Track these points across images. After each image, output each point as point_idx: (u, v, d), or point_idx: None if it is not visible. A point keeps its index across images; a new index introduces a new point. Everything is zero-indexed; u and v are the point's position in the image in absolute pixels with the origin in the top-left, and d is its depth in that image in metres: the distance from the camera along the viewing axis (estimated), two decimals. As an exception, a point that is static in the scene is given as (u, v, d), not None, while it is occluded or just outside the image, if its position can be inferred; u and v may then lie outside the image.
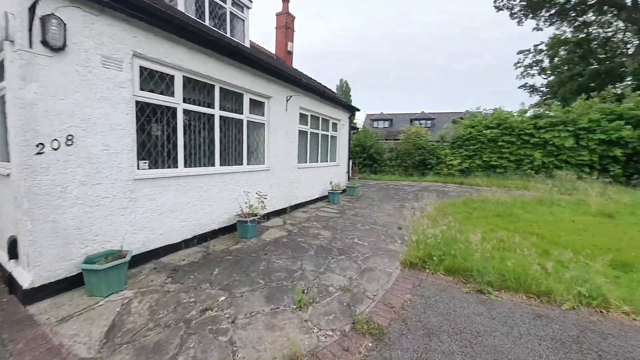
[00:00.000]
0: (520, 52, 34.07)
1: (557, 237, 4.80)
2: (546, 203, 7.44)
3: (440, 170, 14.33)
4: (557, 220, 5.98)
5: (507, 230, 5.29)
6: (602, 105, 11.84)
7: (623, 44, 26.27)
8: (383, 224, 5.80)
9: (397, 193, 9.96)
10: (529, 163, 12.92)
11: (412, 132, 15.51)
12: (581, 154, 11.89)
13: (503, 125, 13.42)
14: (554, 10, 24.02)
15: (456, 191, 10.46)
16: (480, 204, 7.45)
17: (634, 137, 10.87)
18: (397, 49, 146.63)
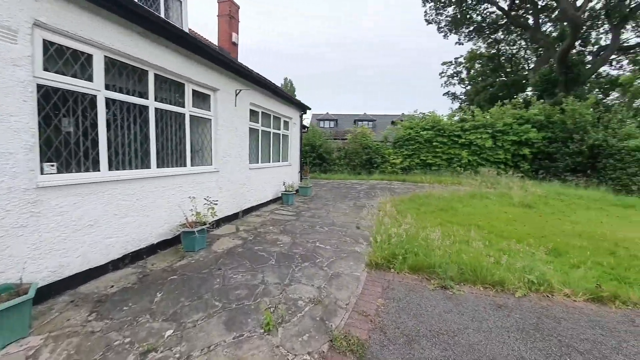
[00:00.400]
0: (444, 63, 38.49)
1: (495, 228, 5.33)
2: (478, 197, 8.34)
3: (384, 168, 15.12)
4: (489, 211, 6.70)
5: (452, 224, 5.70)
6: (513, 111, 13.93)
7: (524, 60, 31.73)
8: (341, 224, 5.70)
9: (349, 192, 10.11)
10: (458, 161, 14.50)
11: (358, 133, 16.04)
12: (498, 153, 13.81)
13: (436, 127, 14.80)
14: (472, 27, 27.57)
15: (401, 188, 11.11)
16: (425, 199, 7.97)
17: (538, 138, 13.04)
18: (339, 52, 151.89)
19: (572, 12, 13.87)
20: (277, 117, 8.05)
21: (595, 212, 6.96)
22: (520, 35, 29.45)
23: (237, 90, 5.65)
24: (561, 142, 12.76)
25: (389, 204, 7.03)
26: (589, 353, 2.14)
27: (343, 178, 14.24)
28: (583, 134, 11.92)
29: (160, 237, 3.91)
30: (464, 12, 25.54)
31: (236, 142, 5.76)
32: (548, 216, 6.35)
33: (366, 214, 6.64)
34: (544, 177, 12.74)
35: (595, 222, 5.91)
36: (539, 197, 7.95)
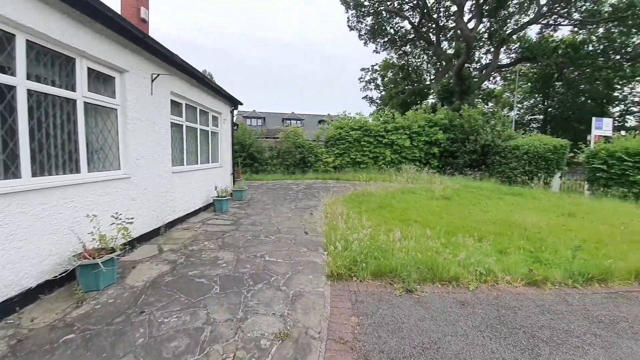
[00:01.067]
0: (362, 69, 41.63)
1: (430, 222, 5.72)
2: (406, 192, 9.04)
3: (318, 167, 15.19)
4: (420, 205, 7.27)
5: (394, 220, 5.91)
6: (424, 115, 15.81)
7: (426, 72, 36.83)
8: (287, 230, 5.24)
9: (287, 193, 9.65)
10: (383, 159, 15.68)
11: (290, 131, 15.67)
12: (414, 152, 15.49)
13: (364, 127, 15.66)
14: (386, 38, 30.43)
15: (337, 186, 11.26)
16: (363, 197, 8.17)
17: (444, 139, 15.10)
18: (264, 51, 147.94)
19: (467, 33, 16.78)
20: (204, 111, 6.98)
21: (495, 200, 8.34)
22: (424, 50, 34.13)
23: (154, 74, 4.54)
24: (460, 142, 15.11)
25: (332, 204, 6.89)
26: (550, 341, 2.29)
27: (277, 178, 13.66)
28: (476, 136, 14.36)
29: (44, 276, 2.72)
30: (380, 23, 27.99)
31: (154, 139, 4.64)
32: (466, 207, 7.25)
33: (311, 217, 6.34)
34: (449, 172, 14.87)
35: (503, 210, 7.02)
36: (453, 190, 9.09)
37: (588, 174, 10.32)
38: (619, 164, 9.13)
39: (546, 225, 5.59)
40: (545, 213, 6.83)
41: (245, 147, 14.90)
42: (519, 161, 12.39)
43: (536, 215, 6.49)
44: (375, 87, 42.64)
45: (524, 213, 6.66)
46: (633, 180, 8.92)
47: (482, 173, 13.74)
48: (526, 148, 12.12)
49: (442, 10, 26.10)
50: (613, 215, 6.64)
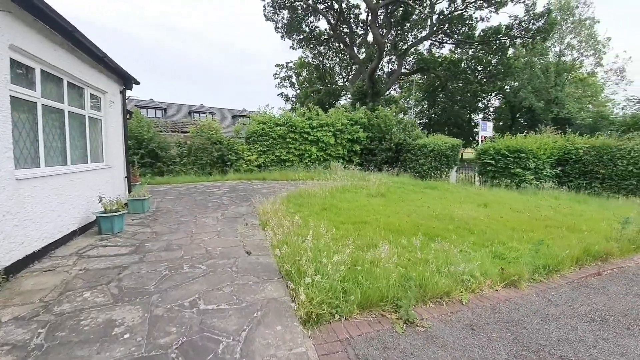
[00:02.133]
0: (277, 65, 40.97)
1: (380, 222, 5.37)
2: (343, 190, 8.70)
3: (239, 166, 13.50)
4: (363, 205, 6.94)
5: (344, 224, 5.33)
6: (346, 114, 16.13)
7: (338, 75, 38.65)
8: (222, 252, 3.93)
9: (208, 199, 7.92)
10: (309, 157, 15.25)
11: (205, 125, 13.40)
12: (338, 149, 15.63)
13: (289, 123, 14.82)
14: (302, 36, 30.28)
15: (266, 187, 10.08)
16: (302, 199, 7.36)
17: (364, 137, 15.73)
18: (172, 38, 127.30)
19: (379, 39, 18.04)
20: (77, 85, 4.75)
21: (421, 194, 8.86)
22: (337, 53, 35.68)
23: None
24: (378, 141, 16.07)
25: (269, 209, 5.81)
26: (578, 357, 2.00)
27: (191, 181, 11.37)
28: (391, 135, 15.50)
29: None
30: (296, 19, 27.56)
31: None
32: (403, 203, 7.35)
33: (248, 228, 5.12)
34: (370, 168, 15.64)
35: (434, 203, 7.36)
36: (386, 186, 9.27)
37: (479, 167, 12.34)
38: (504, 159, 11.17)
39: (477, 217, 6.01)
40: (466, 204, 7.52)
41: (144, 142, 11.91)
42: (427, 158, 13.92)
43: (461, 207, 7.03)
44: (291, 85, 42.46)
45: (452, 206, 7.14)
46: (513, 172, 11.05)
47: (398, 169, 14.91)
48: (432, 146, 13.70)
49: (353, 17, 27.69)
50: (515, 202, 7.84)
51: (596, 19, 24.38)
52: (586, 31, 23.28)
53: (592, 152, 10.82)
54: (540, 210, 6.80)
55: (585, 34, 23.31)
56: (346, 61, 35.74)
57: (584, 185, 10.89)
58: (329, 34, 29.49)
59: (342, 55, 35.20)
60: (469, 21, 22.75)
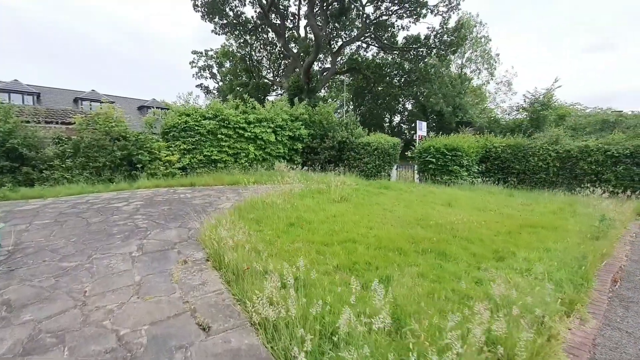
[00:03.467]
0: (195, 52, 36.20)
1: (370, 239, 4.34)
2: (303, 196, 7.36)
3: (156, 169, 10.54)
4: (333, 214, 5.79)
5: (327, 247, 4.08)
6: (286, 109, 14.70)
7: (267, 68, 36.46)
8: (153, 339, 2.16)
9: (110, 220, 5.43)
10: (245, 156, 13.27)
11: (100, 115, 9.93)
12: (279, 147, 14.11)
13: (220, 117, 12.51)
14: (225, 21, 27.12)
15: (198, 197, 7.88)
16: (257, 211, 5.74)
17: (306, 134, 14.61)
18: None
19: (317, 31, 17.12)
20: None
21: (381, 196, 8.26)
22: (264, 45, 33.52)
23: None
24: (320, 139, 15.23)
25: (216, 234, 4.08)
26: None
27: (80, 192, 8.07)
28: (334, 132, 14.85)
29: None
30: (219, 2, 24.37)
31: None
32: (371, 207, 6.51)
33: (189, 271, 3.33)
34: (314, 168, 14.67)
35: (402, 206, 6.74)
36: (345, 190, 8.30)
37: (419, 165, 12.75)
38: (443, 157, 11.68)
39: (456, 220, 5.56)
40: (430, 205, 7.20)
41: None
42: (371, 156, 13.76)
43: (432, 209, 6.62)
44: (212, 76, 38.13)
45: (421, 208, 6.67)
46: (451, 169, 11.66)
47: (342, 168, 14.34)
48: (376, 145, 13.59)
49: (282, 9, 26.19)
50: (469, 200, 7.93)
51: (489, 37, 29.66)
52: (481, 48, 28.06)
53: (509, 150, 12.33)
54: (500, 209, 6.93)
55: (481, 50, 28.11)
56: (275, 54, 33.96)
57: (502, 179, 12.34)
58: (256, 23, 27.25)
59: (271, 48, 33.28)
60: (391, 28, 24.21)
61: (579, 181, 10.51)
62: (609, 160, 9.83)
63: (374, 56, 27.35)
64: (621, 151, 9.54)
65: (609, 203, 6.56)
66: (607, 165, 9.88)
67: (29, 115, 9.36)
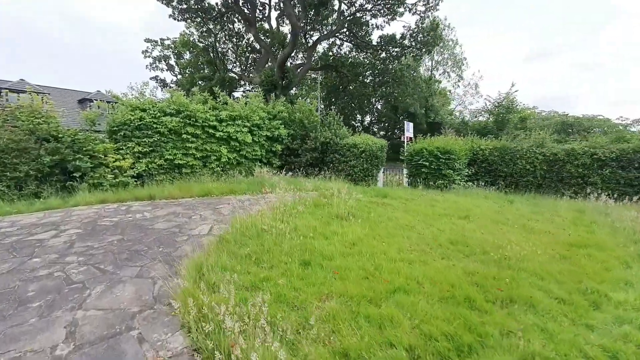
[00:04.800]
0: (148, 40, 32.36)
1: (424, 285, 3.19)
2: (301, 213, 5.96)
3: (100, 178, 8.29)
4: (351, 241, 4.55)
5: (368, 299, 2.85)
6: (262, 105, 13.05)
7: (232, 62, 33.79)
8: None
9: (24, 270, 3.54)
10: (217, 159, 11.42)
11: (20, 109, 7.46)
12: (255, 149, 12.45)
13: (185, 113, 10.50)
14: (185, 5, 24.25)
15: (162, 218, 6.06)
16: (249, 243, 4.24)
17: (285, 134, 13.12)
18: None
19: (294, 20, 15.59)
20: None
21: (387, 207, 7.20)
22: (229, 37, 30.93)
23: None
24: (301, 140, 13.85)
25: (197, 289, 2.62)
26: None
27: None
28: (316, 133, 13.56)
29: None
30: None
31: None
32: (387, 226, 5.39)
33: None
34: (293, 172, 13.26)
35: (419, 222, 5.72)
36: (350, 202, 7.07)
37: (411, 169, 12.02)
38: (436, 161, 11.04)
39: (493, 241, 4.66)
40: (447, 219, 6.31)
41: None
42: (358, 159, 12.74)
43: (446, 224, 5.71)
44: (169, 67, 34.38)
45: (439, 223, 5.73)
46: (444, 173, 11.06)
47: (326, 172, 13.13)
48: (363, 147, 12.59)
49: None
50: (477, 209, 7.21)
51: (457, 40, 30.56)
52: (449, 51, 28.84)
53: (496, 153, 12.14)
54: (519, 221, 6.25)
55: (449, 53, 28.89)
56: (242, 47, 31.57)
57: (490, 182, 12.12)
58: (220, 11, 24.74)
59: (238, 40, 30.82)
60: (365, 27, 23.56)
61: (565, 184, 10.57)
62: (595, 164, 9.94)
63: (347, 54, 26.57)
64: (607, 155, 9.67)
65: (621, 210, 6.22)
66: (593, 169, 9.99)
67: None
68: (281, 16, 22.41)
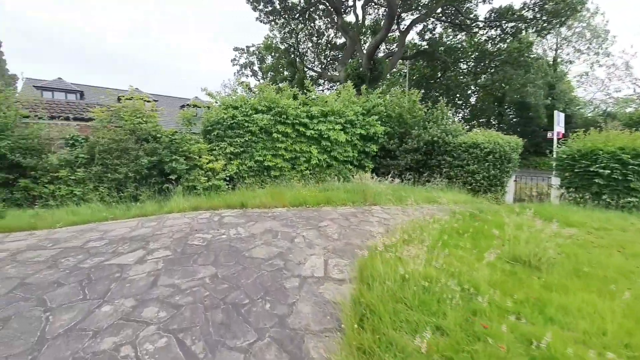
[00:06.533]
0: (236, 49, 34.44)
1: None
2: (450, 242, 3.77)
3: (194, 181, 7.71)
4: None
5: None
6: (355, 99, 11.23)
7: (311, 62, 33.47)
8: None
9: (90, 322, 2.38)
10: (306, 161, 10.07)
11: (123, 108, 7.34)
12: (347, 150, 10.69)
13: (275, 109, 9.42)
14: (271, 8, 24.51)
15: (259, 238, 4.70)
16: (407, 314, 2.27)
17: (382, 133, 11.02)
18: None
19: (393, 0, 13.48)
20: None
21: (589, 245, 4.38)
22: (309, 36, 30.54)
23: None
24: (399, 139, 11.53)
25: None
26: None
27: (86, 220, 5.38)
28: (420, 130, 11.05)
29: None
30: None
31: None
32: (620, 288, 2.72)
33: None
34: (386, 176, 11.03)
35: None
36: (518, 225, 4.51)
37: (570, 178, 8.43)
38: (621, 168, 7.33)
39: None
40: None
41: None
42: (480, 163, 9.75)
43: None
44: (253, 73, 36.15)
45: None
46: (633, 187, 7.27)
47: (433, 177, 10.51)
48: (490, 147, 9.55)
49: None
50: None
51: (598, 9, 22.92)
52: (584, 23, 22.06)
53: None
54: None
55: (585, 24, 22.09)
56: (322, 45, 30.85)
57: None
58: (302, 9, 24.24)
59: (317, 39, 30.22)
60: (467, 1, 19.52)
61: None
62: None
63: (442, 37, 22.77)
64: None
65: None
66: None
67: (34, 106, 6.92)
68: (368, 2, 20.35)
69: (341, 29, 18.07)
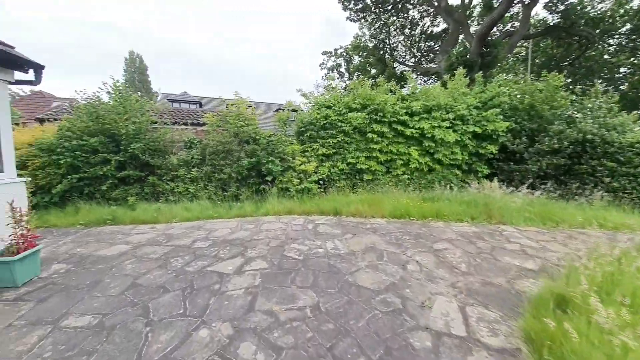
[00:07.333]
0: (325, 53, 34.97)
1: None
2: None
3: (288, 183, 7.57)
4: None
5: None
6: (466, 90, 9.31)
7: (402, 57, 31.32)
8: None
9: (189, 344, 2.03)
10: (403, 165, 8.80)
11: (229, 113, 7.76)
12: (454, 152, 8.88)
13: (371, 107, 8.52)
14: (361, 5, 23.82)
15: (360, 259, 3.92)
16: None
17: (502, 129, 8.75)
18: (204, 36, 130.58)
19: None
20: None
21: None
22: (401, 29, 28.53)
23: None
24: (528, 137, 8.98)
25: None
26: None
27: (196, 217, 5.74)
28: (563, 125, 8.31)
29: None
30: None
31: None
32: None
33: None
34: (510, 184, 8.64)
35: None
36: None
37: None
38: None
39: None
40: None
41: (121, 141, 6.60)
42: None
43: None
44: (340, 75, 36.24)
45: None
46: None
47: (595, 190, 7.69)
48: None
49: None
50: None
51: None
52: None
53: None
54: None
55: None
56: (415, 37, 28.42)
57: None
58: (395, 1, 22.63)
59: (411, 30, 27.97)
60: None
61: None
62: None
63: (580, 3, 17.37)
64: None
65: None
66: None
67: (154, 112, 7.94)
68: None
69: (444, 12, 15.77)
